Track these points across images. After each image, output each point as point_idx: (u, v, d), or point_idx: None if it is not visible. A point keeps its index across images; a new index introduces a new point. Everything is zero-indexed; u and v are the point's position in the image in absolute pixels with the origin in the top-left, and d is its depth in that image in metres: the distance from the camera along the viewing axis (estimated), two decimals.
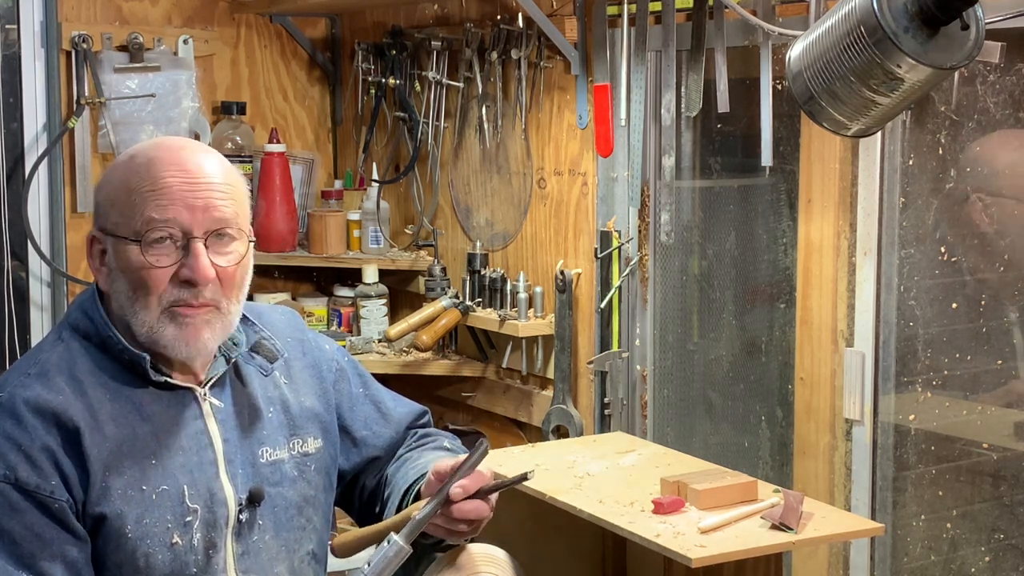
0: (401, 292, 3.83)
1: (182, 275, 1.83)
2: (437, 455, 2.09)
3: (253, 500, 1.90)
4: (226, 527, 1.88)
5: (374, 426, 2.13)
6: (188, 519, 1.84)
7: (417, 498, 1.98)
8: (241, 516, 1.89)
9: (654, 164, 3.02)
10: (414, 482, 2.01)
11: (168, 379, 1.87)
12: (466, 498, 1.85)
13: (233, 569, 1.89)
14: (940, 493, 2.59)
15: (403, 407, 2.18)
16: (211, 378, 1.92)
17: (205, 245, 1.83)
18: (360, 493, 2.14)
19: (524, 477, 1.87)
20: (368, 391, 2.15)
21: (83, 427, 1.78)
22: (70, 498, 1.77)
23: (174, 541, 1.83)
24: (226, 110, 3.89)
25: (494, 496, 1.88)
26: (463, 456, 1.92)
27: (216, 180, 1.85)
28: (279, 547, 1.94)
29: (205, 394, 1.90)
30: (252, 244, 1.91)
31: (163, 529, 1.82)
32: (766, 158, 2.65)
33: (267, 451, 1.94)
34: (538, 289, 3.31)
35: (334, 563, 2.10)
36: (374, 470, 2.13)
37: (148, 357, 1.85)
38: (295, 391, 2.01)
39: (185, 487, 1.84)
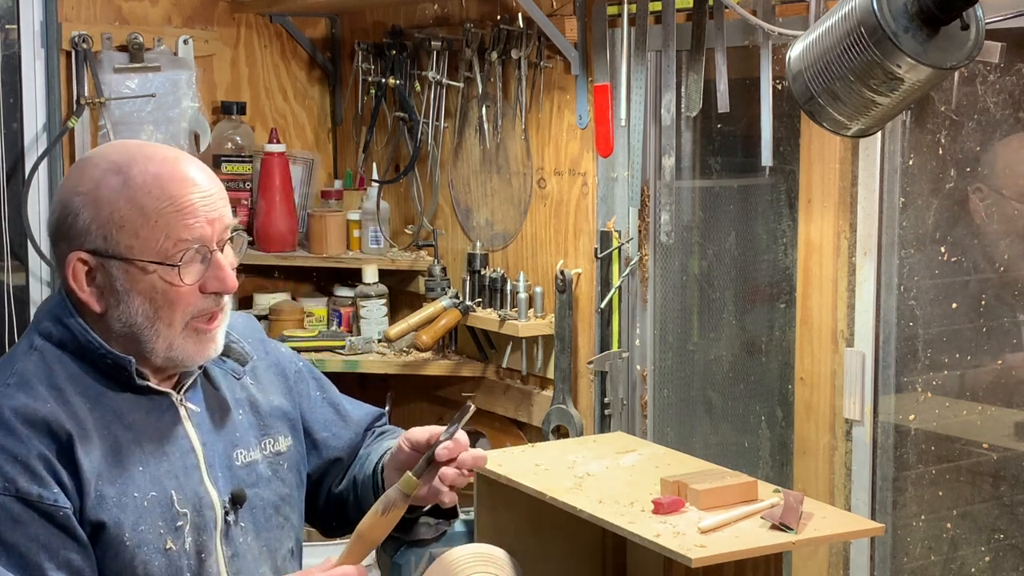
0: (401, 292, 3.83)
1: (210, 287, 1.85)
2: (398, 443, 2.11)
3: (236, 502, 1.92)
4: (215, 530, 1.89)
5: (333, 428, 2.16)
6: (179, 524, 1.85)
7: (386, 471, 2.04)
8: (228, 519, 1.91)
9: (654, 164, 3.01)
10: (380, 457, 2.07)
11: (149, 384, 1.87)
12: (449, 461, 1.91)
13: (225, 572, 1.90)
14: (940, 493, 2.59)
15: (360, 410, 2.22)
16: (185, 383, 1.93)
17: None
18: (326, 497, 2.17)
19: (467, 408, 1.92)
20: (326, 395, 2.18)
21: (75, 435, 1.78)
22: (71, 505, 1.77)
23: (168, 547, 1.83)
24: (226, 110, 3.89)
25: (470, 457, 1.94)
26: (439, 428, 1.96)
27: (217, 187, 1.88)
28: (261, 548, 1.96)
29: (181, 399, 1.91)
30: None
31: (156, 535, 1.83)
32: (766, 158, 2.65)
33: (241, 453, 1.96)
34: (538, 289, 3.31)
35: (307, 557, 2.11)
36: (336, 472, 2.16)
37: (133, 361, 1.84)
38: (263, 391, 2.04)
39: (173, 492, 1.85)
